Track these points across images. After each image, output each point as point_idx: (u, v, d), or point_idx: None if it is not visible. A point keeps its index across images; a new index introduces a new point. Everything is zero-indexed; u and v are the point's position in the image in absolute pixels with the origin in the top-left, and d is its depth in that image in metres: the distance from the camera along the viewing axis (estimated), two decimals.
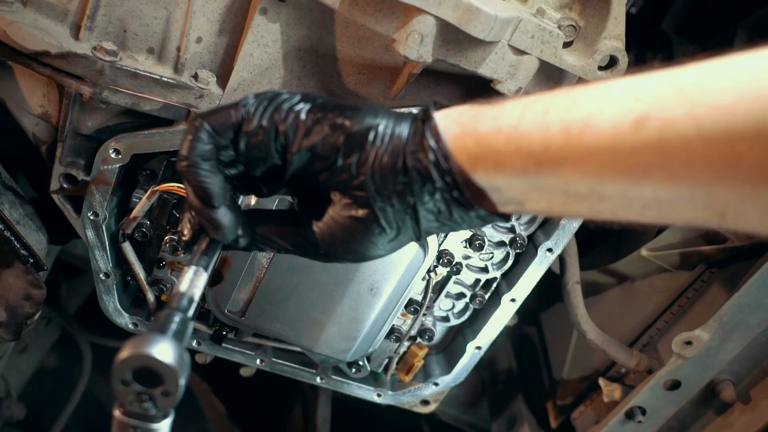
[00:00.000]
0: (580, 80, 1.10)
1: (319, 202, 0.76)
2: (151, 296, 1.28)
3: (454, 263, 1.26)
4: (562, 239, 1.22)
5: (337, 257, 0.78)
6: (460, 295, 1.35)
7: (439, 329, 1.42)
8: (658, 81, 0.54)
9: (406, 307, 1.31)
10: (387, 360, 1.44)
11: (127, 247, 1.21)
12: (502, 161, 0.62)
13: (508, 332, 1.96)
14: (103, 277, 1.25)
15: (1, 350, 1.48)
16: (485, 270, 1.30)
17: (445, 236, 1.24)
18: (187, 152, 0.71)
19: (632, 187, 0.55)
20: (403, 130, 0.68)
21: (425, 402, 1.51)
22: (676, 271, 1.40)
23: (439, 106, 0.70)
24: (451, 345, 1.48)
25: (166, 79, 1.06)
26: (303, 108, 0.71)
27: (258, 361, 1.40)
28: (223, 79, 1.10)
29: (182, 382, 0.63)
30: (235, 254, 1.18)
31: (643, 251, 1.38)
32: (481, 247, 1.24)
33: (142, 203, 1.15)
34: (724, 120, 0.48)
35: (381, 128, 0.69)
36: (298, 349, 1.39)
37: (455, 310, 1.38)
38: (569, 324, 1.50)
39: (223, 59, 1.10)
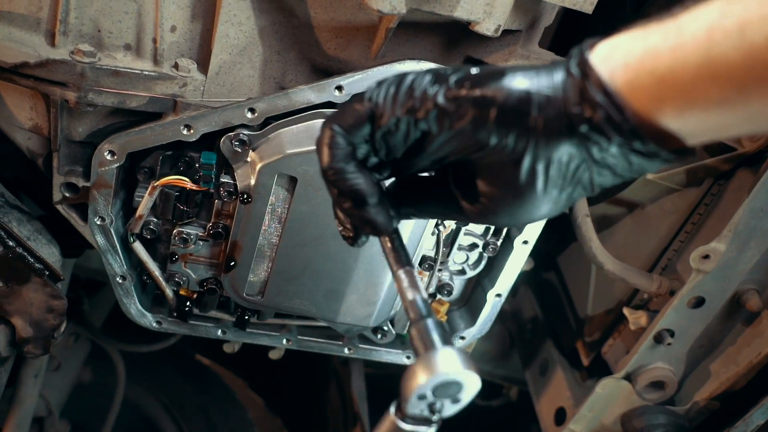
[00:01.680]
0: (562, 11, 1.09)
1: (469, 174, 0.70)
2: (169, 292, 1.30)
3: None
4: None
5: (497, 224, 0.75)
6: (473, 246, 1.35)
7: (457, 283, 1.42)
8: None
9: (420, 264, 1.32)
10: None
11: (138, 247, 1.23)
12: (695, 95, 0.55)
13: (528, 280, 1.97)
14: (120, 280, 1.27)
15: (34, 368, 1.51)
16: None
17: None
18: (329, 161, 0.69)
19: None
20: (558, 87, 0.61)
21: None
22: (685, 189, 1.39)
23: (592, 45, 0.61)
24: (472, 297, 1.48)
25: (147, 73, 1.07)
26: (439, 90, 0.65)
27: (284, 340, 1.42)
28: (203, 64, 1.10)
29: (477, 383, 0.65)
30: (245, 237, 1.19)
31: (648, 175, 1.37)
32: None
33: (145, 201, 1.16)
34: None
35: (534, 93, 0.61)
36: (323, 324, 1.40)
37: (470, 262, 1.38)
38: (586, 261, 1.50)
39: (201, 45, 1.10)
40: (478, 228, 1.32)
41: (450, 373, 0.63)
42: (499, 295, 1.38)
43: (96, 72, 1.04)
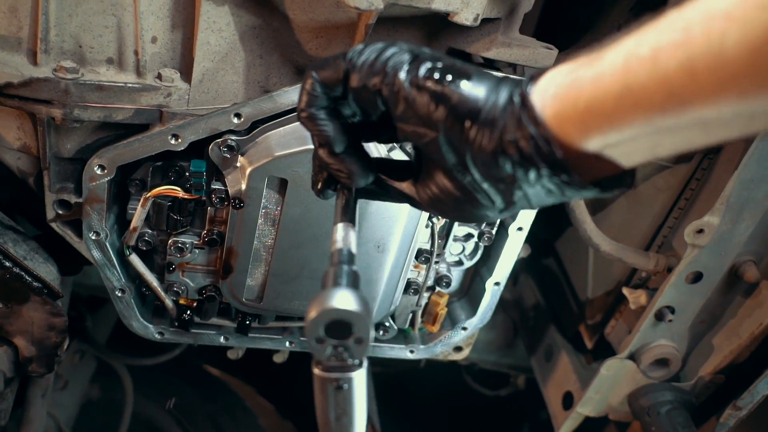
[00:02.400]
0: None
1: (426, 165, 0.73)
2: (169, 302, 1.30)
3: None
4: None
5: (446, 218, 0.79)
6: (468, 236, 1.36)
7: (455, 274, 1.43)
8: None
9: (417, 258, 1.32)
10: (411, 314, 1.45)
11: (135, 259, 1.23)
12: (618, 122, 0.56)
13: (528, 268, 1.97)
14: (119, 294, 1.27)
15: (41, 388, 1.51)
16: None
17: None
18: (303, 105, 0.74)
19: None
20: (505, 111, 0.63)
21: (458, 348, 1.52)
22: (675, 166, 1.40)
23: (539, 75, 0.64)
24: (471, 288, 1.49)
25: (131, 85, 1.07)
26: (406, 74, 0.67)
27: (287, 343, 1.42)
28: (186, 73, 1.11)
29: (370, 324, 0.66)
30: (240, 242, 1.20)
31: None
32: None
33: (138, 213, 1.17)
34: None
35: (484, 110, 0.63)
36: None
37: (466, 252, 1.39)
38: (584, 245, 1.50)
39: (183, 54, 1.10)
40: None
41: (336, 309, 0.63)
42: (497, 284, 1.39)
43: (80, 87, 1.04)
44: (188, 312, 1.33)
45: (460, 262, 1.40)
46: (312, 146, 1.09)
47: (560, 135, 0.60)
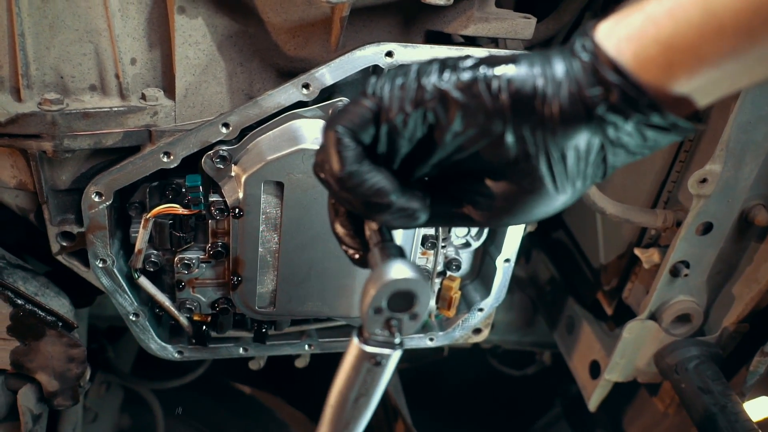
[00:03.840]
0: None
1: (474, 177, 0.67)
2: (183, 320, 1.31)
3: None
4: None
5: (512, 224, 0.72)
6: None
7: (464, 256, 1.42)
8: None
9: (423, 244, 1.32)
10: None
11: (144, 281, 1.24)
12: (704, 53, 0.52)
13: (538, 243, 1.96)
14: (134, 318, 1.28)
15: (71, 422, 1.53)
16: None
17: None
18: (341, 166, 0.63)
19: None
20: (570, 72, 0.58)
21: (477, 330, 1.52)
22: None
23: (595, 25, 0.59)
24: (482, 268, 1.48)
25: (116, 109, 1.08)
26: (449, 80, 0.61)
27: (306, 346, 1.42)
28: (170, 90, 1.11)
29: (430, 293, 0.66)
30: (245, 250, 1.20)
31: None
32: None
33: (141, 235, 1.17)
34: None
35: (549, 80, 0.58)
36: (340, 322, 1.41)
37: (472, 233, 1.38)
38: (591, 211, 1.50)
39: (163, 71, 1.11)
40: None
41: (400, 279, 0.64)
42: (507, 261, 1.38)
43: (66, 118, 1.05)
44: (204, 327, 1.33)
45: (467, 244, 1.39)
46: (303, 146, 1.10)
47: (645, 77, 0.55)
